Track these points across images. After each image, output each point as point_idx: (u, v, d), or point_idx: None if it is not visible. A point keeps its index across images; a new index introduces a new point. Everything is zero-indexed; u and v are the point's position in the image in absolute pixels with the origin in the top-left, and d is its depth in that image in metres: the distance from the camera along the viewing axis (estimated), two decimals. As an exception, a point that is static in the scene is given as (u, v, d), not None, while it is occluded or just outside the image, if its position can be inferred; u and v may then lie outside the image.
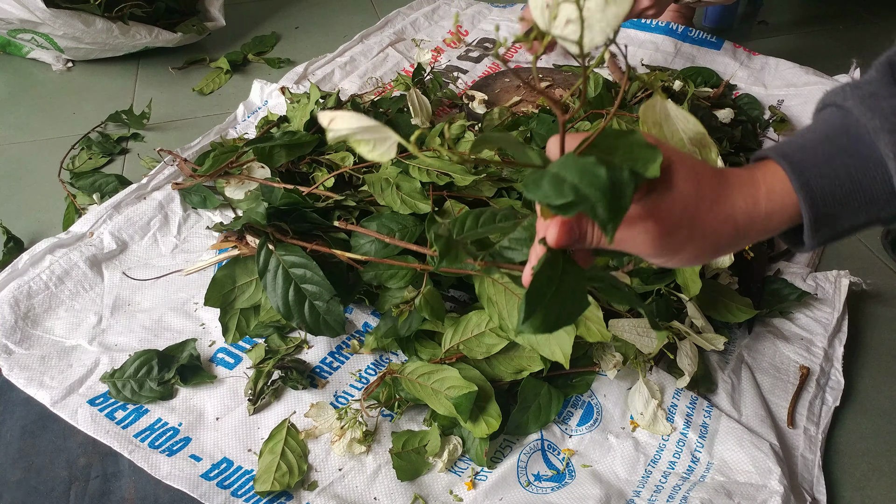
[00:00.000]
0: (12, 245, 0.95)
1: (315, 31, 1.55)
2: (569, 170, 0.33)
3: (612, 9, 0.31)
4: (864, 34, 1.52)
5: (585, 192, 0.32)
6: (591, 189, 0.32)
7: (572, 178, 0.33)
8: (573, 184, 0.32)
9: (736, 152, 1.05)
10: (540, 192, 0.33)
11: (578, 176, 0.32)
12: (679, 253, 0.41)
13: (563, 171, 0.33)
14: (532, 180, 0.34)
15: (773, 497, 0.65)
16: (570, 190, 0.32)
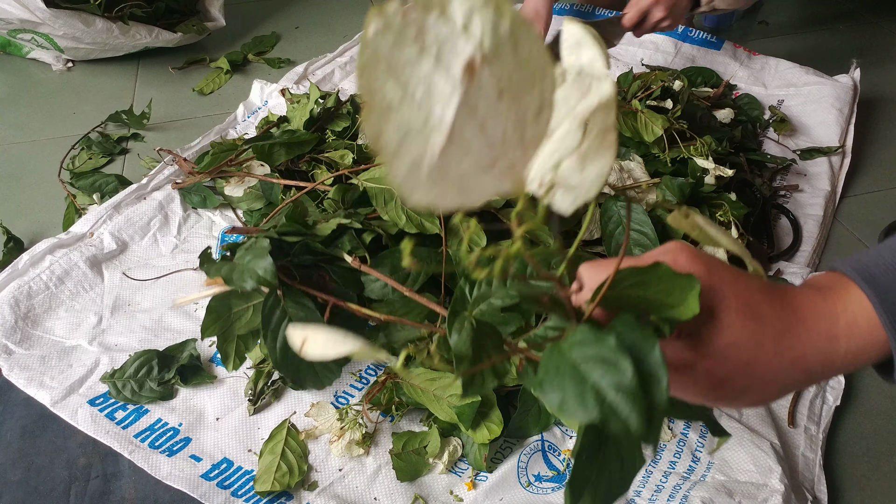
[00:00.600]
0: (12, 245, 0.94)
1: (315, 31, 1.55)
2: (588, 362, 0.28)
3: (593, 168, 0.27)
4: (864, 34, 1.52)
5: (612, 401, 0.27)
6: (617, 394, 0.27)
7: (594, 377, 0.28)
8: (596, 388, 0.28)
9: (736, 152, 1.05)
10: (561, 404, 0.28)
11: (601, 370, 0.28)
12: (735, 402, 0.35)
13: (583, 363, 0.29)
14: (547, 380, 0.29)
15: (774, 496, 0.65)
16: (594, 401, 0.28)
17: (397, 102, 0.22)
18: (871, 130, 1.22)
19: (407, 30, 0.21)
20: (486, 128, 0.23)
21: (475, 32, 0.22)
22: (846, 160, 1.13)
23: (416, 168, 0.22)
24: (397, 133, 0.22)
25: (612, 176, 0.85)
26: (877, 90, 1.30)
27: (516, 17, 0.22)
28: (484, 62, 0.22)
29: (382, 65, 0.21)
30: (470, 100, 0.22)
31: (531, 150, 0.24)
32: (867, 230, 1.01)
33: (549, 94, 0.23)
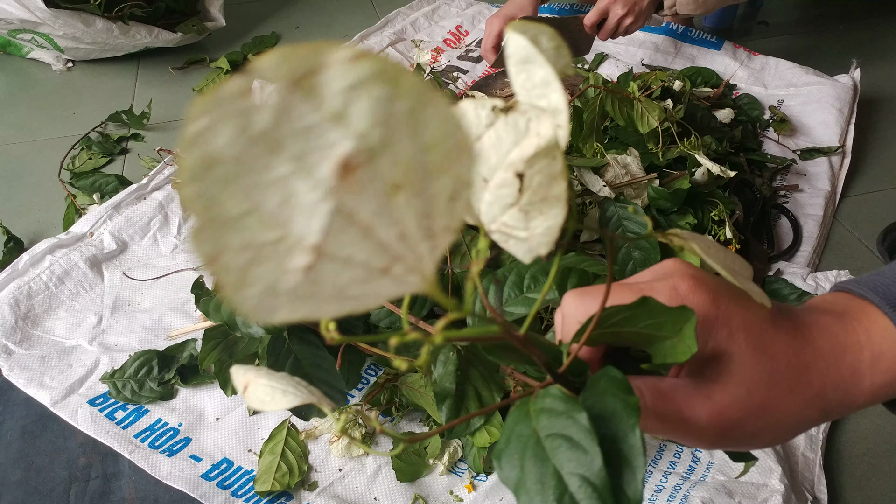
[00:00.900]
0: (12, 245, 0.94)
1: (315, 32, 1.55)
2: (554, 438, 0.25)
3: (538, 223, 0.22)
4: (864, 34, 1.52)
5: (574, 494, 0.24)
6: (581, 487, 0.24)
7: (558, 458, 0.24)
8: (559, 474, 0.24)
9: (736, 152, 1.05)
10: (517, 484, 0.25)
11: (566, 452, 0.24)
12: (746, 446, 0.31)
13: (548, 438, 0.25)
14: (507, 451, 0.26)
15: (774, 496, 0.65)
16: (553, 490, 0.24)
17: (240, 217, 0.16)
18: (871, 130, 1.22)
19: (251, 122, 0.15)
20: (373, 233, 0.17)
21: (355, 121, 0.16)
22: (846, 160, 1.12)
23: (270, 294, 0.17)
24: (241, 255, 0.16)
25: (609, 173, 0.84)
26: (877, 90, 1.30)
27: (418, 90, 0.16)
28: (369, 159, 0.16)
29: (217, 170, 0.16)
30: (347, 206, 0.17)
31: (444, 239, 0.19)
32: (867, 230, 1.01)
33: (467, 173, 0.18)
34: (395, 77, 0.16)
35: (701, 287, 0.30)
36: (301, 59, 0.15)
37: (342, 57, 0.15)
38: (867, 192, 1.10)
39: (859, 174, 1.13)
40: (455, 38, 1.45)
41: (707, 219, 0.88)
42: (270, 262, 0.17)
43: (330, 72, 0.15)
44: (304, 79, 0.15)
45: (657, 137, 0.90)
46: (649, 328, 0.28)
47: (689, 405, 0.29)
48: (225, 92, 0.15)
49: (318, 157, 0.16)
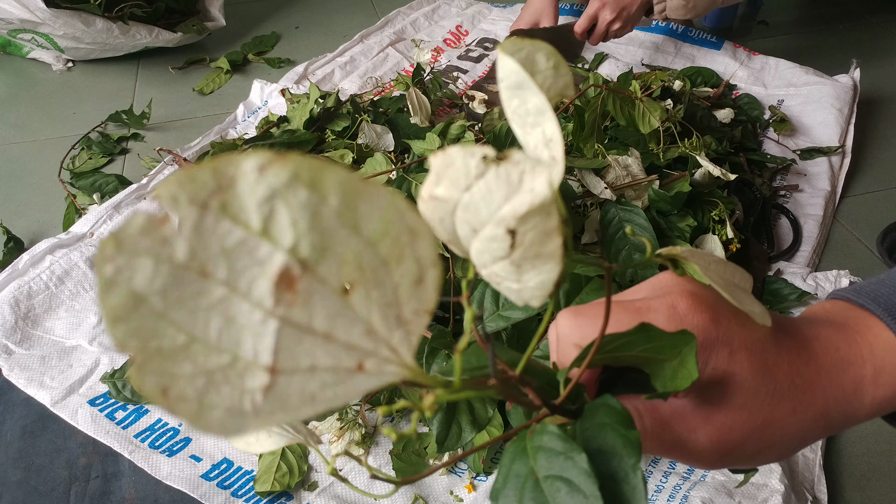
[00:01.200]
0: (12, 245, 0.95)
1: (315, 31, 1.55)
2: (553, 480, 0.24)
3: (531, 277, 0.21)
4: (864, 34, 1.52)
5: None
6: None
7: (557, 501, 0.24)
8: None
9: (736, 152, 1.05)
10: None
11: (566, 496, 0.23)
12: (748, 464, 0.31)
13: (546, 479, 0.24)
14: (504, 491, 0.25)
15: (774, 496, 0.65)
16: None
17: (184, 346, 0.15)
18: (871, 130, 1.22)
19: (169, 252, 0.14)
20: (334, 336, 0.16)
21: (282, 233, 0.15)
22: (846, 160, 1.13)
23: (234, 415, 0.16)
24: (194, 383, 0.15)
25: (611, 174, 0.84)
26: (877, 90, 1.30)
27: (347, 185, 0.15)
28: (307, 268, 0.15)
29: (145, 306, 0.15)
30: (295, 319, 0.16)
31: (419, 323, 0.18)
32: (867, 230, 1.01)
33: (429, 253, 0.17)
34: (316, 177, 0.15)
35: (700, 305, 0.29)
36: (205, 179, 0.14)
37: (250, 167, 0.14)
38: (867, 192, 1.10)
39: (859, 174, 1.13)
40: (455, 38, 1.45)
41: (707, 219, 0.88)
42: (226, 386, 0.16)
43: (241, 185, 0.14)
44: (212, 198, 0.14)
45: (658, 137, 0.90)
46: (648, 352, 0.27)
47: (690, 428, 0.29)
48: (130, 230, 0.14)
49: (251, 275, 0.15)
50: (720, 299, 0.29)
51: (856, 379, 0.29)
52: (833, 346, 0.29)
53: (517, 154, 0.20)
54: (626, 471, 0.24)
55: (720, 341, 0.28)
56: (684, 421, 0.29)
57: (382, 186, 0.16)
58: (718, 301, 0.29)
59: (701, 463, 0.30)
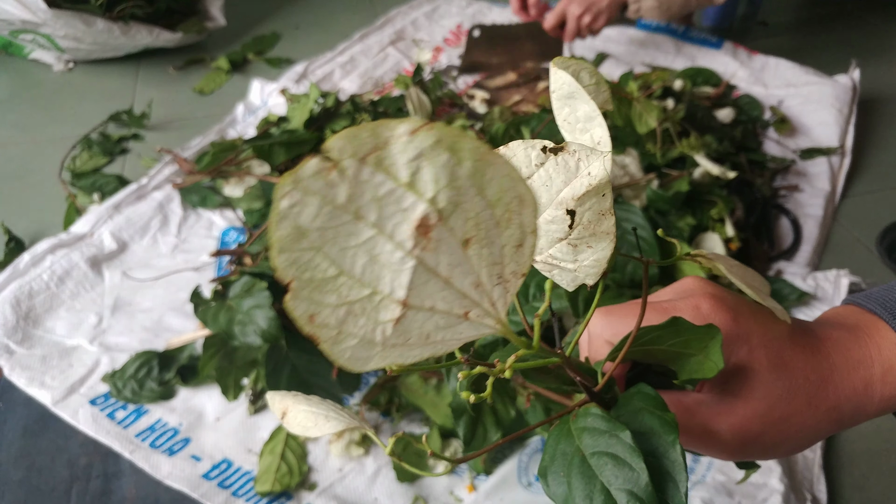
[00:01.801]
0: (13, 245, 0.95)
1: (315, 31, 1.55)
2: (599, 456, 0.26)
3: (587, 256, 0.23)
4: (864, 34, 1.52)
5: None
6: (629, 501, 0.24)
7: (605, 475, 0.25)
8: (606, 490, 0.25)
9: (736, 152, 1.05)
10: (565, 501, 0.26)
11: (613, 469, 0.25)
12: (765, 456, 0.33)
13: (593, 456, 0.26)
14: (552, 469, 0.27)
15: (774, 496, 0.65)
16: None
17: (332, 278, 0.18)
18: (871, 130, 1.22)
19: (333, 195, 0.17)
20: (451, 283, 0.19)
21: (425, 187, 0.17)
22: (846, 160, 1.13)
23: (365, 346, 0.19)
24: (336, 313, 0.18)
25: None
26: (877, 90, 1.30)
27: (479, 153, 0.18)
28: (441, 218, 0.18)
29: (306, 240, 0.17)
30: (427, 262, 0.18)
31: (514, 284, 0.20)
32: (867, 230, 1.01)
33: (530, 221, 0.19)
34: (455, 143, 0.17)
35: (722, 306, 0.31)
36: (365, 138, 0.17)
37: (403, 131, 0.17)
38: (867, 192, 1.10)
39: (859, 174, 1.13)
40: (455, 37, 1.45)
41: (706, 218, 0.88)
42: (364, 317, 0.18)
43: (394, 146, 0.17)
44: (370, 154, 0.17)
45: (655, 138, 0.91)
46: (677, 346, 0.29)
47: (713, 419, 0.31)
48: (304, 172, 0.17)
49: (396, 220, 0.18)
50: (740, 301, 0.32)
51: (866, 377, 0.31)
52: (844, 347, 0.31)
53: (573, 144, 0.22)
54: (665, 447, 0.26)
55: (740, 338, 0.30)
56: (708, 413, 0.31)
57: (504, 158, 0.18)
58: (738, 303, 0.32)
59: (722, 453, 0.31)
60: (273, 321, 0.67)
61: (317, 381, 0.70)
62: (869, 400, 0.31)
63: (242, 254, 0.82)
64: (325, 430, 0.27)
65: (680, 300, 0.32)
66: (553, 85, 0.25)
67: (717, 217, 0.88)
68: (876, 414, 0.32)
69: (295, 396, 0.29)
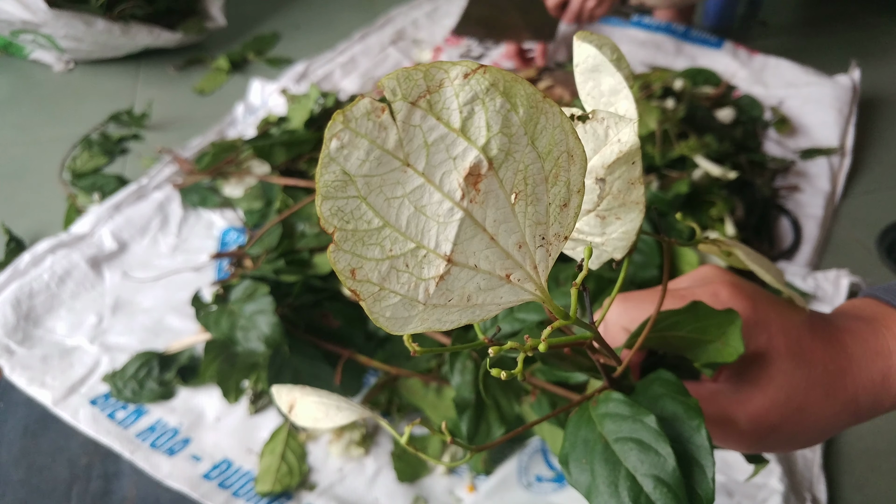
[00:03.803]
0: (14, 245, 0.95)
1: (316, 31, 1.55)
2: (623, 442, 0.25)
3: (616, 228, 0.22)
4: (864, 34, 1.52)
5: (650, 494, 0.24)
6: (656, 488, 0.24)
7: (630, 461, 0.24)
8: (632, 476, 0.24)
9: (736, 152, 1.05)
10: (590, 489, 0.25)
11: (638, 455, 0.24)
12: (782, 448, 0.32)
13: (616, 442, 0.25)
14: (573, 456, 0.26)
15: (774, 496, 0.65)
16: (628, 493, 0.24)
17: (376, 230, 0.17)
18: (871, 130, 1.22)
19: (383, 138, 0.16)
20: (497, 240, 0.18)
21: (478, 133, 0.17)
22: (846, 160, 1.13)
23: (406, 305, 0.18)
24: (378, 268, 0.17)
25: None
26: (877, 90, 1.30)
27: (534, 99, 0.17)
28: (492, 168, 0.17)
29: (353, 186, 0.16)
30: (475, 214, 0.17)
31: (556, 247, 0.19)
32: (867, 230, 1.01)
33: (578, 179, 0.18)
34: (509, 88, 0.16)
35: (740, 293, 0.31)
36: (418, 80, 0.16)
37: (457, 73, 0.16)
38: (867, 192, 1.10)
39: (859, 174, 1.13)
40: (455, 38, 1.45)
41: (706, 218, 0.88)
42: (407, 273, 0.18)
43: (448, 88, 0.16)
44: (424, 97, 0.16)
45: (654, 139, 0.91)
46: (695, 332, 0.28)
47: (730, 409, 0.30)
48: (356, 111, 0.16)
49: (446, 168, 0.17)
50: (758, 290, 0.31)
51: (884, 369, 0.30)
52: (862, 338, 0.31)
53: (601, 112, 0.21)
54: (690, 432, 0.25)
55: (759, 326, 0.30)
56: (725, 402, 0.30)
57: (559, 109, 0.17)
58: (756, 291, 0.31)
59: (739, 444, 0.31)
60: (276, 327, 0.67)
61: (320, 385, 0.70)
62: (886, 393, 0.30)
63: (243, 256, 0.82)
64: (337, 420, 0.27)
65: (698, 287, 0.31)
66: (577, 58, 0.25)
67: (716, 217, 0.88)
68: (891, 407, 0.31)
69: (302, 389, 0.28)
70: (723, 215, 0.88)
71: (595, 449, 0.26)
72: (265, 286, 0.69)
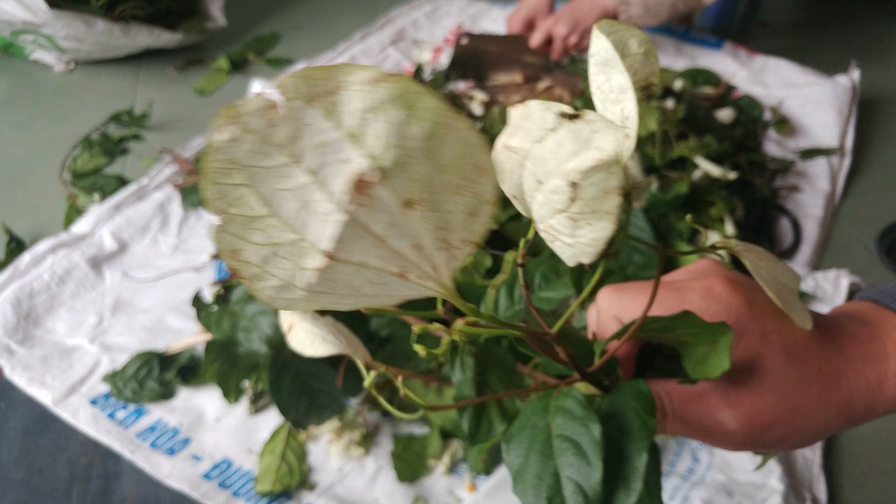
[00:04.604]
0: (14, 245, 0.95)
1: (316, 31, 1.56)
2: (563, 440, 0.25)
3: (585, 232, 0.22)
4: (864, 34, 1.52)
5: (566, 500, 0.24)
6: (574, 495, 0.24)
7: (561, 460, 0.25)
8: (557, 475, 0.24)
9: (736, 152, 1.05)
10: (517, 472, 0.26)
11: (571, 457, 0.24)
12: (772, 449, 0.32)
13: (557, 438, 0.25)
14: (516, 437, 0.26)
15: (774, 496, 0.65)
16: (547, 489, 0.24)
17: (259, 218, 0.17)
18: (871, 131, 1.22)
19: (273, 135, 0.16)
20: (387, 242, 0.18)
21: (370, 142, 0.16)
22: (846, 160, 1.13)
23: (286, 290, 0.18)
24: (260, 252, 0.18)
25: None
26: (877, 90, 1.30)
27: (438, 113, 0.17)
28: (382, 177, 0.17)
29: (239, 175, 0.16)
30: (360, 218, 0.17)
31: (463, 251, 0.19)
32: (867, 230, 1.01)
33: (488, 191, 0.18)
34: (414, 101, 0.16)
35: (736, 289, 0.30)
36: (319, 80, 0.16)
37: (363, 79, 0.16)
38: (867, 192, 1.10)
39: (859, 174, 1.13)
40: (456, 38, 1.45)
41: (706, 218, 0.88)
42: (287, 261, 0.18)
43: (349, 92, 0.16)
44: (323, 97, 0.16)
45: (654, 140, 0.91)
46: (685, 336, 0.28)
47: (721, 407, 0.29)
48: (246, 108, 0.16)
49: (333, 171, 0.17)
50: (755, 286, 0.30)
51: (880, 373, 0.30)
52: (860, 341, 0.30)
53: (592, 114, 0.21)
54: (632, 452, 0.25)
55: (754, 323, 0.29)
56: (715, 402, 0.30)
57: (467, 123, 0.17)
58: (753, 287, 0.30)
59: (729, 444, 0.30)
60: (278, 328, 0.67)
61: (320, 386, 0.70)
62: (881, 397, 0.30)
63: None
64: (319, 350, 0.27)
65: (693, 281, 0.31)
66: (592, 49, 0.24)
67: (716, 217, 0.88)
68: (885, 412, 0.31)
69: (303, 315, 0.29)
70: (723, 215, 0.88)
71: (538, 438, 0.26)
72: None
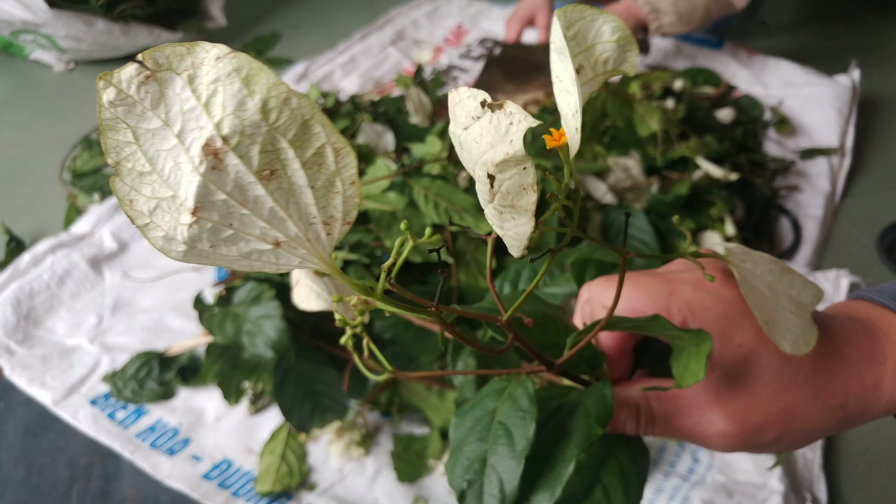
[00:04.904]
0: (14, 245, 0.95)
1: (316, 31, 1.55)
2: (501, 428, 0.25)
3: (509, 226, 0.22)
4: (864, 34, 1.52)
5: (483, 488, 0.25)
6: (490, 485, 0.25)
7: (494, 447, 0.25)
8: (483, 460, 0.25)
9: (736, 152, 1.05)
10: (456, 446, 0.27)
11: (503, 447, 0.25)
12: (764, 450, 0.31)
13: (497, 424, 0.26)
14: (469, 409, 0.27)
15: (774, 496, 0.65)
16: (469, 471, 0.26)
17: (147, 174, 0.20)
18: (871, 130, 1.22)
19: (145, 100, 0.19)
20: (248, 207, 0.20)
21: (216, 110, 0.19)
22: (846, 160, 1.13)
23: (170, 241, 0.20)
24: (148, 204, 0.20)
25: (612, 177, 0.84)
26: (877, 90, 1.30)
27: (276, 90, 0.19)
28: (226, 143, 0.19)
29: (124, 132, 0.19)
30: (212, 180, 0.19)
31: (337, 228, 0.21)
32: (867, 230, 1.01)
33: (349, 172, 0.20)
34: (252, 76, 0.19)
35: (731, 280, 0.29)
36: (182, 54, 0.19)
37: (213, 55, 0.19)
38: (867, 192, 1.10)
39: (859, 174, 1.13)
40: (456, 37, 1.45)
41: (706, 218, 0.88)
42: (168, 214, 0.20)
43: (204, 66, 0.19)
44: (185, 70, 0.19)
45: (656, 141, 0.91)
46: (667, 336, 0.28)
47: (712, 406, 0.29)
48: (122, 76, 0.19)
49: (193, 136, 0.19)
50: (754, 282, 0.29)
51: (876, 375, 0.29)
52: (856, 341, 0.29)
53: (511, 105, 0.21)
54: (564, 455, 0.25)
55: (748, 318, 0.28)
56: (706, 397, 0.29)
57: (306, 101, 0.19)
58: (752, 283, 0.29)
59: (720, 446, 0.29)
60: (283, 332, 0.66)
61: (324, 389, 0.70)
62: (876, 400, 0.29)
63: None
64: (312, 305, 0.28)
65: (685, 271, 0.30)
66: (552, 35, 0.24)
67: (716, 217, 0.88)
68: (881, 414, 0.30)
69: (307, 272, 0.30)
70: (723, 215, 0.88)
71: (483, 420, 0.26)
72: (271, 290, 0.69)
